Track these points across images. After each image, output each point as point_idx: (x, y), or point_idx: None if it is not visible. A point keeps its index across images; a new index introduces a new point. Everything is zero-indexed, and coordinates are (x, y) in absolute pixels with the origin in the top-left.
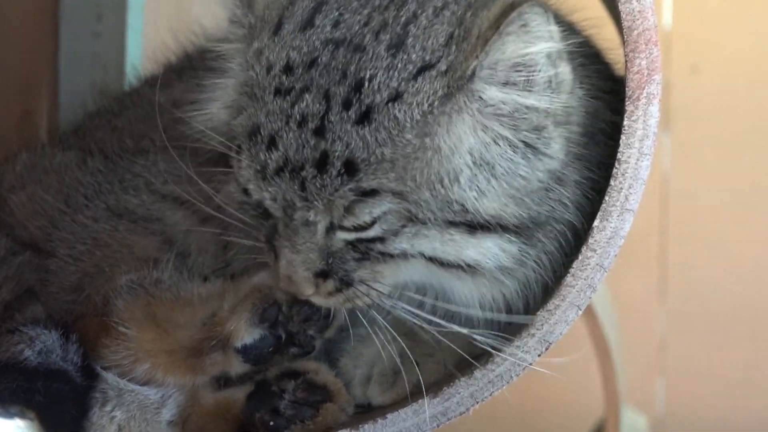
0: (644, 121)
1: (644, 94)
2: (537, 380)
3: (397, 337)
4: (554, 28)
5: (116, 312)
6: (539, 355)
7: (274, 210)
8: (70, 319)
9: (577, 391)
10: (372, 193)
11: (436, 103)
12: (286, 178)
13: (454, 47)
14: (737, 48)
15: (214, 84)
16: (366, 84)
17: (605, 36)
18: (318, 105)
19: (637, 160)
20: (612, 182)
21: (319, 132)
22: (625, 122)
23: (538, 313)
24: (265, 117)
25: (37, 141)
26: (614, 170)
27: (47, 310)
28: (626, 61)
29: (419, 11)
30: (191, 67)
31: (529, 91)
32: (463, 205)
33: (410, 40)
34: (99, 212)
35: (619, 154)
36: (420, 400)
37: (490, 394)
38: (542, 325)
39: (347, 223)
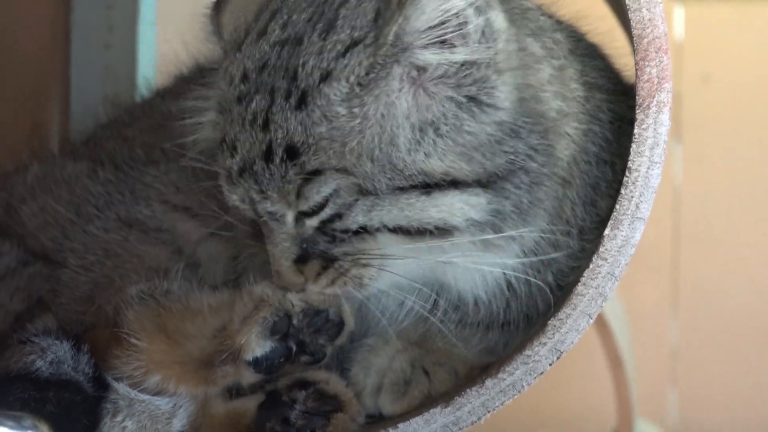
0: (654, 129)
1: (654, 102)
2: (549, 390)
3: (408, 347)
4: None
5: (127, 323)
6: (551, 364)
7: (245, 211)
8: (81, 330)
9: (589, 401)
10: (316, 173)
11: (362, 74)
12: (246, 176)
13: (380, 20)
14: (748, 58)
15: (201, 112)
16: (300, 70)
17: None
18: (264, 102)
19: (648, 168)
20: (623, 190)
21: (265, 126)
22: (636, 130)
23: (549, 321)
24: (229, 125)
25: (48, 152)
26: (625, 179)
27: (58, 321)
28: (636, 70)
29: None
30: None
31: (461, 45)
32: (410, 169)
33: (340, 21)
34: (110, 223)
35: (629, 162)
36: (431, 410)
37: (502, 404)
38: (553, 333)
39: (303, 207)
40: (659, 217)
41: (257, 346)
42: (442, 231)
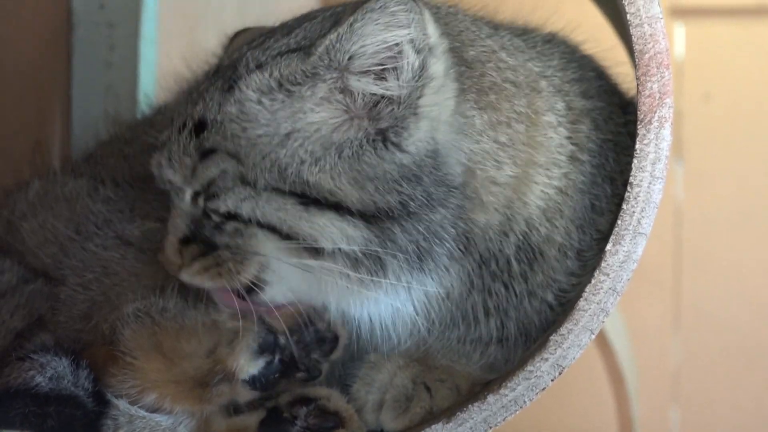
0: (656, 144)
1: (656, 118)
2: (551, 406)
3: (410, 363)
4: (422, 19)
5: (123, 341)
6: (552, 380)
7: (157, 180)
8: (79, 348)
9: (591, 419)
10: (212, 151)
11: (287, 76)
12: (164, 144)
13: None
14: (749, 77)
15: None
16: (243, 60)
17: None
18: (206, 84)
19: (650, 183)
20: (624, 206)
21: (195, 103)
22: (637, 146)
23: (551, 337)
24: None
25: (49, 169)
26: (626, 194)
27: (56, 339)
28: (638, 85)
29: (318, 14)
30: None
31: (391, 79)
32: (296, 177)
33: (297, 30)
34: (108, 240)
35: (631, 177)
36: (433, 426)
37: (504, 419)
38: (555, 349)
39: (195, 185)
40: (661, 234)
41: (250, 365)
42: (312, 250)
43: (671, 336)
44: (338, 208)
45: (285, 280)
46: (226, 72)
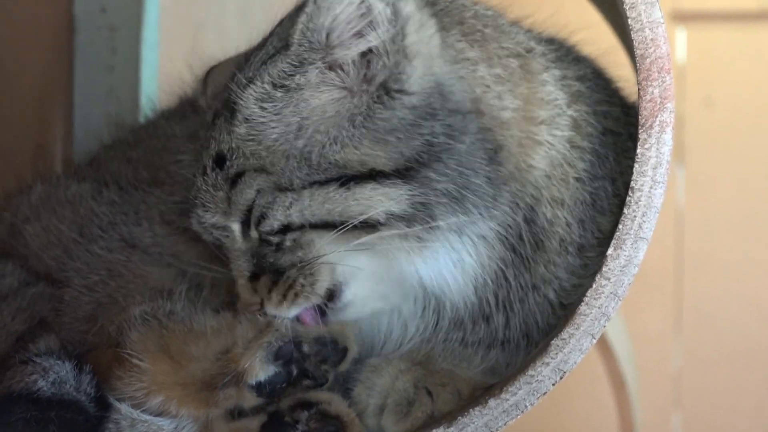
0: (657, 148)
1: (657, 122)
2: (552, 411)
3: (411, 367)
4: None
5: (130, 343)
6: (554, 384)
7: (202, 234)
8: (84, 350)
9: (592, 423)
10: (239, 175)
11: (277, 75)
12: (194, 196)
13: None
14: (751, 82)
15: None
16: (235, 86)
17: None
18: (212, 125)
19: (651, 188)
20: (625, 210)
21: (207, 146)
22: (638, 150)
23: (552, 341)
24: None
25: (51, 173)
26: (627, 198)
27: (61, 341)
28: (639, 90)
29: (284, 17)
30: None
31: (369, 33)
32: (325, 162)
33: (270, 38)
34: (113, 243)
35: (632, 182)
36: (434, 430)
37: (505, 424)
38: (556, 353)
39: (235, 213)
40: (662, 239)
41: (261, 370)
42: (367, 226)
43: (673, 340)
44: (373, 176)
45: (357, 273)
46: (224, 107)
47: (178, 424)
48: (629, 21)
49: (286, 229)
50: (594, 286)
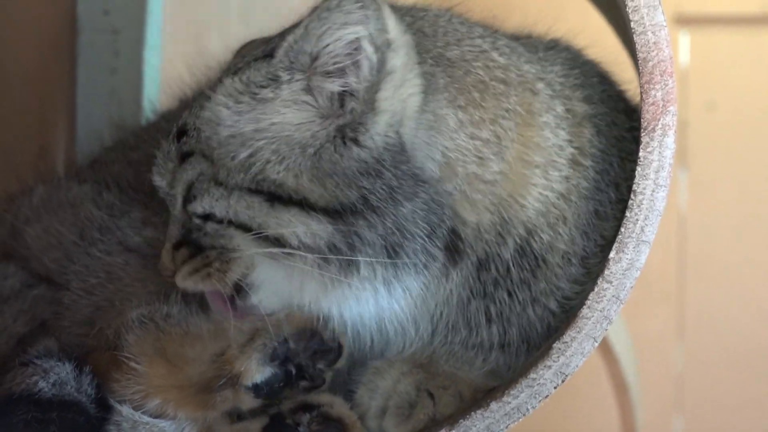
0: (660, 152)
1: (659, 125)
2: (554, 416)
3: (413, 370)
4: (380, 15)
5: (127, 347)
6: (555, 387)
7: (157, 190)
8: (82, 353)
9: (594, 427)
10: (189, 154)
11: (253, 80)
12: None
13: None
14: (754, 86)
15: None
16: (227, 68)
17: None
18: (200, 94)
19: (653, 191)
20: (628, 213)
21: (183, 114)
22: (641, 153)
23: (554, 345)
24: None
25: (53, 174)
26: (630, 202)
27: (60, 344)
28: (641, 93)
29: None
30: None
31: (351, 75)
32: (263, 176)
33: (275, 38)
34: (112, 246)
35: (634, 185)
36: None
37: (506, 427)
38: (558, 357)
39: (178, 188)
40: (665, 244)
41: (257, 372)
42: (279, 243)
43: (675, 344)
44: (302, 204)
45: (269, 282)
46: (215, 82)
47: (179, 425)
48: (632, 24)
49: (207, 217)
50: (596, 289)
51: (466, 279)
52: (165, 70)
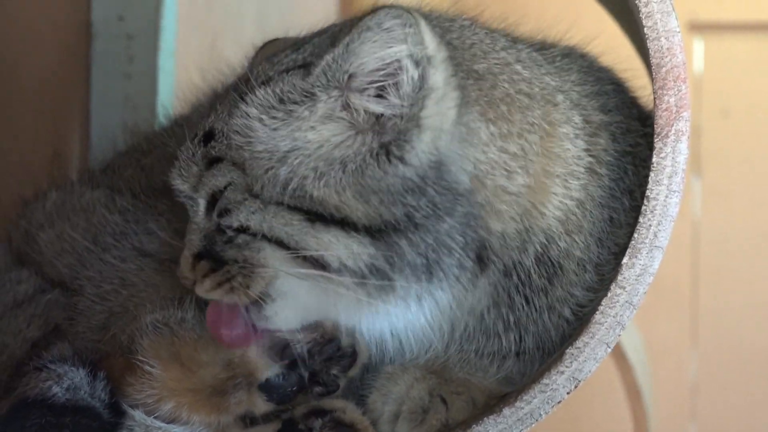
0: (673, 157)
1: (673, 131)
2: (567, 421)
3: (426, 375)
4: (418, 31)
5: (142, 351)
6: (568, 393)
7: (175, 194)
8: (96, 358)
9: None
10: (218, 160)
11: (288, 94)
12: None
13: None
14: (767, 93)
15: None
16: (255, 73)
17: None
18: (225, 95)
19: (666, 197)
20: (641, 219)
21: (210, 113)
22: (654, 159)
23: (567, 350)
24: None
25: (67, 180)
26: (643, 207)
27: (74, 349)
28: (654, 99)
29: (331, 28)
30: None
31: (392, 96)
32: (302, 191)
33: (306, 46)
34: (126, 251)
35: (647, 191)
36: None
37: None
38: (571, 362)
39: (202, 192)
40: (678, 250)
41: (267, 368)
42: (319, 264)
43: (689, 350)
44: (344, 224)
45: (292, 296)
46: (241, 85)
47: (192, 431)
48: (645, 30)
49: (242, 230)
50: (609, 294)
51: (493, 287)
52: (179, 75)
